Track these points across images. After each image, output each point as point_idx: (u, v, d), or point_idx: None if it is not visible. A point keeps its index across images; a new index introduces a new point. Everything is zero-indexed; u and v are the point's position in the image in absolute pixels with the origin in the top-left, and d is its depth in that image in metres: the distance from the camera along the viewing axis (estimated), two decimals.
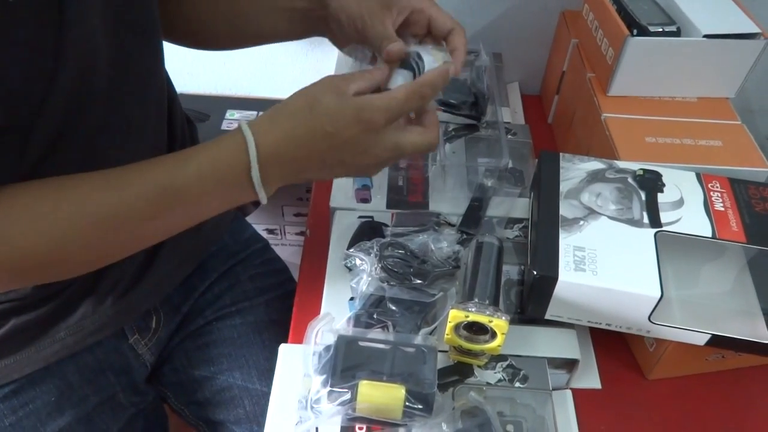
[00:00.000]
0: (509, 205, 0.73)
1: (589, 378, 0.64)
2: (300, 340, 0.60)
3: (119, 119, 0.56)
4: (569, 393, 0.60)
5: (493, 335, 0.55)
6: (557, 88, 0.94)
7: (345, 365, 0.53)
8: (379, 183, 0.75)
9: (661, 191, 0.64)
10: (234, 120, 1.12)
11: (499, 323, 0.54)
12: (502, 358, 0.59)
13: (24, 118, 0.46)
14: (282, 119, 0.51)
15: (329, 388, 0.52)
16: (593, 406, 0.62)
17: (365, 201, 0.73)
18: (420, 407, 0.52)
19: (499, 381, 0.58)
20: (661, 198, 0.63)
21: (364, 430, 0.54)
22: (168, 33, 0.64)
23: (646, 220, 0.61)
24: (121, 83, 0.54)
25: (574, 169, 0.67)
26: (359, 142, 0.51)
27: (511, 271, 0.66)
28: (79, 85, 0.48)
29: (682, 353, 0.61)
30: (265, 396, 0.64)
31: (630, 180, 0.65)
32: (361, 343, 0.55)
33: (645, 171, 0.66)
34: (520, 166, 0.79)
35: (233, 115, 1.13)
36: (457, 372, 0.58)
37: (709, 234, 0.60)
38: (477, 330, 0.56)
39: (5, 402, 0.63)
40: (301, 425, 0.54)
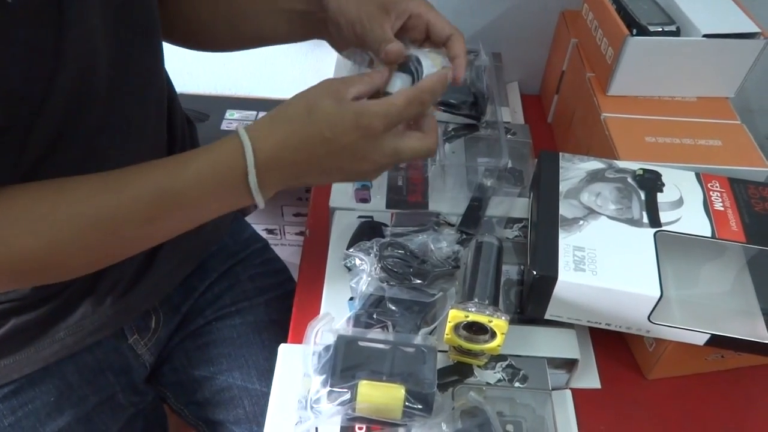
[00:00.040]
0: (509, 205, 0.73)
1: (589, 378, 0.64)
2: (300, 340, 0.60)
3: (119, 119, 0.56)
4: (569, 393, 0.60)
5: (493, 335, 0.55)
6: (557, 87, 0.94)
7: (345, 365, 0.53)
8: (379, 183, 0.75)
9: (661, 191, 0.64)
10: (234, 120, 1.12)
11: (499, 323, 0.54)
12: (501, 358, 0.59)
13: (24, 118, 0.46)
14: (280, 124, 0.50)
15: (329, 388, 0.52)
16: (593, 406, 0.62)
17: (365, 201, 0.73)
18: (420, 407, 0.52)
19: (499, 381, 0.58)
20: (661, 198, 0.63)
21: (363, 430, 0.54)
22: (168, 33, 0.64)
23: (645, 219, 0.61)
24: (121, 83, 0.54)
25: (573, 169, 0.67)
26: (358, 148, 0.51)
27: (511, 271, 0.66)
28: (79, 85, 0.48)
29: (681, 353, 0.61)
30: (265, 396, 0.64)
31: (630, 180, 0.65)
32: (361, 343, 0.55)
33: (644, 171, 0.66)
34: (519, 165, 0.79)
35: (233, 115, 1.13)
36: (457, 372, 0.58)
37: (709, 234, 0.60)
38: (477, 330, 0.56)
39: (4, 402, 0.63)
40: (301, 425, 0.54)
